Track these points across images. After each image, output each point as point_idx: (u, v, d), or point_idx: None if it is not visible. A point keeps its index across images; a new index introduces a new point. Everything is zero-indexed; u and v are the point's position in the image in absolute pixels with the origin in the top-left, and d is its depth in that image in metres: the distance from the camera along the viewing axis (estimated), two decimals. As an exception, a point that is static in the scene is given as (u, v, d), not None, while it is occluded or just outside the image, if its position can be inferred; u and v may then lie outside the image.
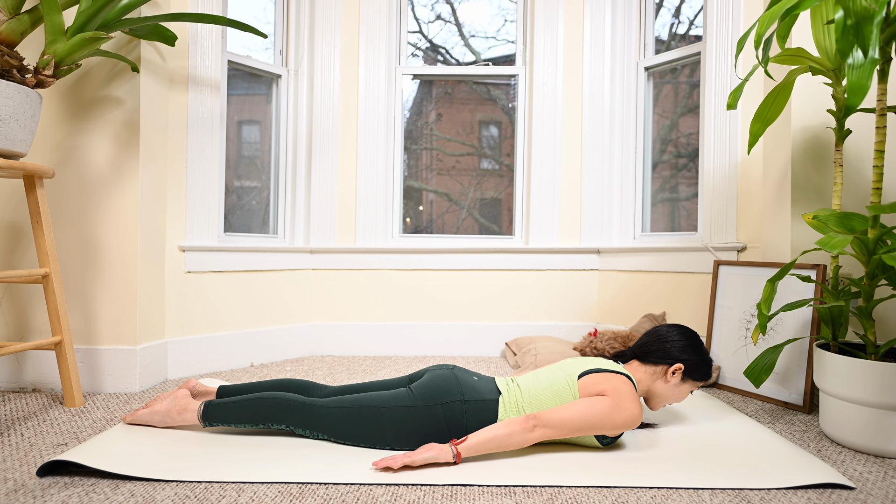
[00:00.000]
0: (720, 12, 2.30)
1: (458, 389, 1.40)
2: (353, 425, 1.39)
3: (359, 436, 1.39)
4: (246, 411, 1.43)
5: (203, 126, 2.26)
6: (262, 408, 1.43)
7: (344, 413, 1.40)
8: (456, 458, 1.28)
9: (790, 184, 1.95)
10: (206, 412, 1.46)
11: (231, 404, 1.45)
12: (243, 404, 1.44)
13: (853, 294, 1.55)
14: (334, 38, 2.67)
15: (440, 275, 2.73)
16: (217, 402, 1.47)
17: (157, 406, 1.51)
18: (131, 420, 1.52)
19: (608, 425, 1.33)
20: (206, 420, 1.46)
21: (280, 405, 1.43)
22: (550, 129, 2.71)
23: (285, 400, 1.43)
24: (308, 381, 1.61)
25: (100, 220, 1.95)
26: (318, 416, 1.41)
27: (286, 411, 1.42)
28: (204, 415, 1.46)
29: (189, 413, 1.48)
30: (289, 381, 1.60)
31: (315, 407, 1.42)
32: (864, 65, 1.29)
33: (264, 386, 1.58)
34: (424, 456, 1.26)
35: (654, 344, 1.51)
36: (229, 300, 2.37)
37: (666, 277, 2.49)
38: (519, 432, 1.30)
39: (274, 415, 1.42)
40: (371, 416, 1.38)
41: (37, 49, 1.90)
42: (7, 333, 1.94)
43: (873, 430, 1.41)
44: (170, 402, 1.51)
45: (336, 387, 1.59)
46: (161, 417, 1.49)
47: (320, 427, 1.41)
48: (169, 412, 1.49)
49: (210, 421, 1.46)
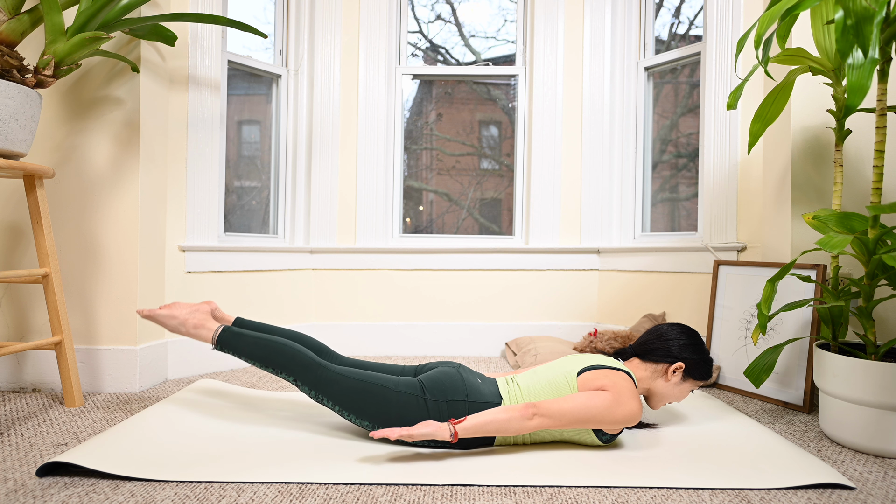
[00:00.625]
0: (720, 12, 2.30)
1: (463, 389, 1.40)
2: (360, 399, 1.39)
3: (364, 410, 1.39)
4: (261, 350, 1.42)
5: (203, 126, 2.26)
6: (279, 354, 1.42)
7: (355, 385, 1.39)
8: (453, 437, 1.28)
9: (790, 184, 1.95)
10: (223, 337, 1.44)
11: (249, 338, 1.44)
12: (261, 342, 1.43)
13: (853, 294, 1.55)
14: (334, 38, 2.67)
15: (440, 275, 2.73)
16: (236, 331, 1.45)
17: (177, 311, 1.49)
18: (147, 314, 1.50)
19: (607, 419, 1.33)
20: (219, 344, 1.44)
21: (296, 357, 1.42)
22: (550, 129, 2.71)
23: (302, 354, 1.42)
24: (324, 344, 1.61)
25: (100, 220, 1.95)
26: (328, 381, 1.40)
27: (300, 365, 1.41)
28: (220, 338, 1.44)
29: (204, 331, 1.46)
30: (306, 336, 1.60)
31: (328, 370, 1.41)
32: (864, 65, 1.29)
33: (283, 332, 1.58)
34: (422, 431, 1.27)
35: (654, 342, 1.51)
36: (229, 300, 2.37)
37: (666, 277, 2.49)
38: (517, 419, 1.30)
39: (286, 365, 1.41)
40: (380, 395, 1.38)
41: (37, 49, 1.90)
42: (7, 333, 1.94)
43: (873, 430, 1.41)
44: (189, 311, 1.49)
45: (350, 359, 1.59)
46: (176, 324, 1.48)
47: (328, 392, 1.40)
48: (185, 321, 1.47)
49: (223, 347, 1.44)
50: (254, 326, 1.60)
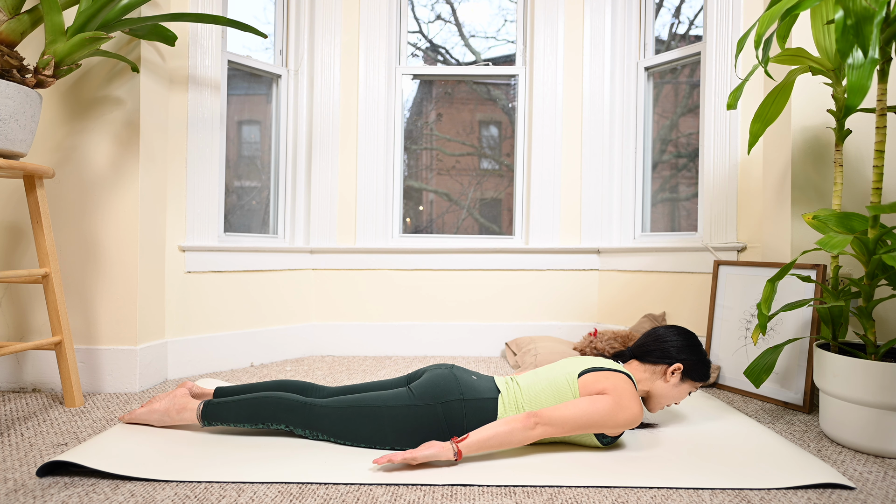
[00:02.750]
0: (720, 12, 2.30)
1: (458, 388, 1.40)
2: (352, 425, 1.39)
3: (358, 436, 1.39)
4: (246, 410, 1.43)
5: (203, 126, 2.26)
6: (262, 407, 1.43)
7: (343, 413, 1.40)
8: (457, 456, 1.28)
9: (790, 184, 1.95)
10: (206, 411, 1.46)
11: (231, 403, 1.45)
12: (243, 403, 1.44)
13: (853, 294, 1.55)
14: (334, 38, 2.67)
15: (440, 275, 2.73)
16: (217, 402, 1.47)
17: (156, 405, 1.50)
18: (129, 419, 1.52)
19: (609, 424, 1.33)
20: (205, 419, 1.46)
21: (280, 405, 1.43)
22: (550, 129, 2.71)
23: (285, 399, 1.43)
24: (307, 382, 1.61)
25: (100, 220, 1.95)
26: (317, 416, 1.41)
27: (286, 411, 1.42)
28: (203, 413, 1.46)
29: (188, 412, 1.48)
30: (288, 381, 1.60)
31: (315, 407, 1.42)
32: (864, 65, 1.29)
33: (263, 386, 1.58)
34: (425, 453, 1.26)
35: (652, 344, 1.52)
36: (229, 300, 2.37)
37: (666, 277, 2.49)
38: (520, 430, 1.30)
39: (273, 414, 1.42)
40: (371, 416, 1.38)
41: (37, 49, 1.90)
42: (7, 333, 1.94)
43: (873, 430, 1.41)
44: (168, 401, 1.51)
45: (335, 387, 1.59)
46: (159, 416, 1.49)
47: (320, 427, 1.41)
48: (167, 411, 1.49)
49: (209, 420, 1.46)
50: (234, 391, 1.61)
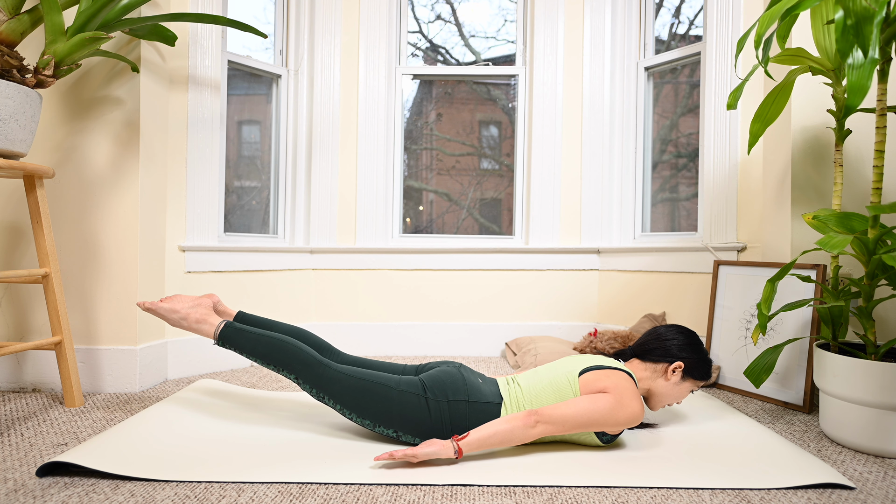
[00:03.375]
0: (720, 12, 2.30)
1: (464, 389, 1.40)
2: (362, 397, 1.38)
3: (365, 409, 1.38)
4: (263, 347, 1.41)
5: (203, 126, 2.26)
6: (281, 351, 1.41)
7: (357, 384, 1.39)
8: (457, 454, 1.28)
9: (790, 184, 1.95)
10: (225, 332, 1.43)
11: (251, 334, 1.43)
12: (263, 339, 1.42)
13: (853, 294, 1.55)
14: (334, 38, 2.67)
15: (440, 275, 2.73)
16: (238, 327, 1.44)
17: (179, 306, 1.47)
18: (148, 307, 1.48)
19: (610, 422, 1.33)
20: (221, 340, 1.43)
21: (298, 355, 1.41)
22: (550, 129, 2.71)
23: (304, 352, 1.42)
24: (326, 342, 1.60)
25: (100, 220, 1.95)
26: (330, 379, 1.39)
27: (302, 363, 1.40)
28: (222, 334, 1.43)
29: (207, 325, 1.45)
30: (308, 333, 1.59)
31: (330, 368, 1.40)
32: (864, 65, 1.29)
33: (284, 328, 1.57)
34: (426, 451, 1.26)
35: (653, 342, 1.52)
36: (229, 300, 2.37)
37: (666, 277, 2.49)
38: (521, 428, 1.30)
39: (288, 362, 1.40)
40: (382, 395, 1.38)
41: (37, 49, 1.90)
42: (7, 333, 1.94)
43: (873, 430, 1.41)
44: (191, 306, 1.48)
45: (351, 356, 1.58)
46: (178, 318, 1.46)
47: (329, 391, 1.39)
48: (188, 316, 1.46)
49: (225, 342, 1.43)
50: (256, 322, 1.60)
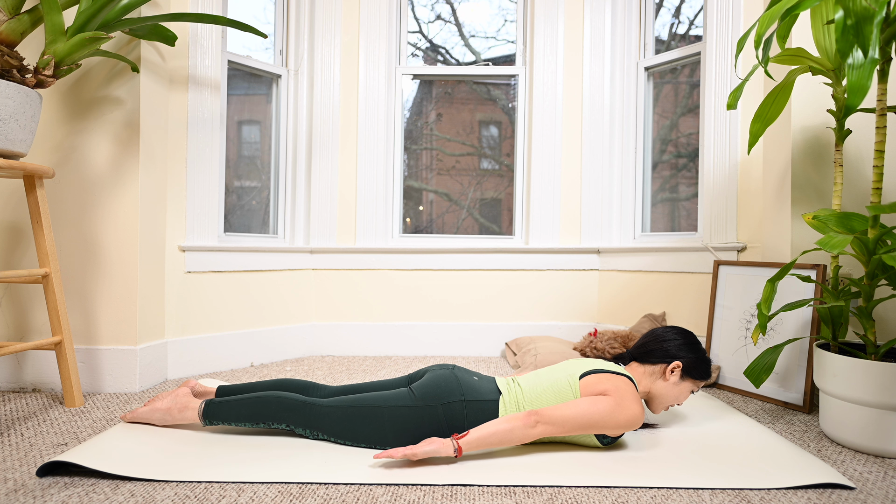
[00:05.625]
0: (720, 12, 2.30)
1: (459, 389, 1.40)
2: (353, 425, 1.39)
3: (359, 435, 1.39)
4: (247, 409, 1.43)
5: (203, 126, 2.26)
6: (264, 406, 1.43)
7: (344, 413, 1.40)
8: (457, 453, 1.28)
9: (790, 184, 1.95)
10: (207, 410, 1.46)
11: (233, 402, 1.45)
12: (244, 402, 1.44)
13: (853, 294, 1.55)
14: (334, 38, 2.67)
15: (440, 275, 2.73)
16: (218, 401, 1.47)
17: (158, 404, 1.51)
18: (131, 418, 1.52)
19: (610, 424, 1.33)
20: (206, 418, 1.46)
21: (281, 404, 1.43)
22: (550, 129, 2.71)
23: (286, 399, 1.43)
24: (308, 381, 1.61)
25: (100, 220, 1.95)
26: (318, 416, 1.41)
27: (287, 410, 1.42)
28: (205, 413, 1.46)
29: (190, 411, 1.48)
30: (289, 380, 1.60)
31: (316, 406, 1.42)
32: (864, 65, 1.29)
33: (264, 386, 1.58)
34: (426, 449, 1.26)
35: (651, 344, 1.52)
36: (229, 300, 2.37)
37: (666, 277, 2.49)
38: (520, 427, 1.30)
39: (275, 414, 1.42)
40: (371, 416, 1.38)
41: (37, 49, 1.90)
42: (7, 333, 1.94)
43: (873, 430, 1.41)
44: (170, 400, 1.51)
45: (336, 387, 1.59)
46: (161, 415, 1.49)
47: (321, 427, 1.41)
48: (169, 410, 1.49)
49: (211, 419, 1.46)
50: (236, 389, 1.61)
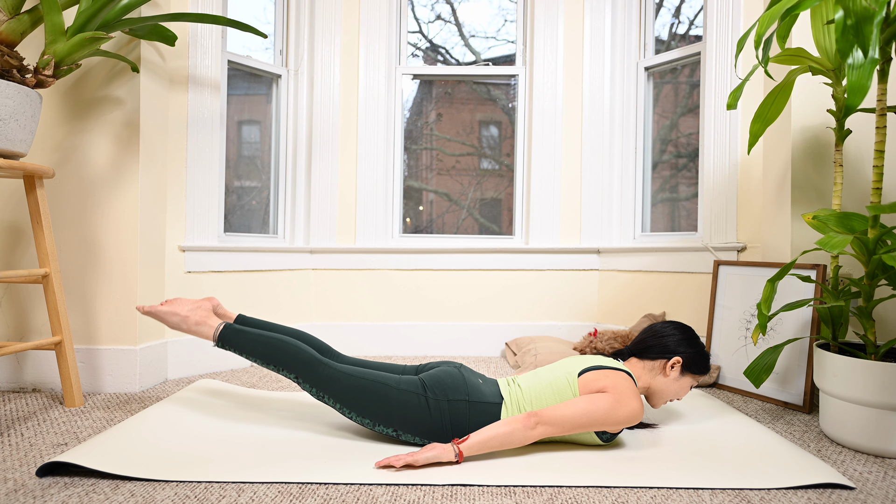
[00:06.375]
0: (720, 12, 2.30)
1: (465, 389, 1.40)
2: (361, 396, 1.38)
3: (365, 409, 1.38)
4: (263, 347, 1.42)
5: (203, 126, 2.26)
6: (280, 351, 1.41)
7: (356, 383, 1.39)
8: (458, 458, 1.28)
9: (790, 184, 1.95)
10: (224, 334, 1.44)
11: (251, 335, 1.43)
12: (262, 339, 1.43)
13: (853, 294, 1.55)
14: (334, 38, 2.67)
15: (440, 275, 2.73)
16: (237, 328, 1.44)
17: (178, 308, 1.48)
18: (148, 310, 1.48)
19: (609, 421, 1.33)
20: (220, 341, 1.44)
21: (298, 354, 1.41)
22: (550, 129, 2.71)
23: (304, 351, 1.42)
24: (326, 344, 1.60)
25: (100, 220, 1.95)
26: (330, 378, 1.40)
27: (302, 362, 1.41)
28: (221, 335, 1.44)
29: (206, 328, 1.45)
30: (308, 335, 1.59)
31: (330, 367, 1.41)
32: (864, 65, 1.29)
33: (284, 330, 1.57)
34: (427, 455, 1.26)
35: (650, 340, 1.52)
36: (229, 300, 2.37)
37: (666, 277, 2.49)
38: (520, 430, 1.31)
39: (288, 361, 1.41)
40: (381, 394, 1.38)
41: (37, 49, 1.90)
42: (7, 333, 1.94)
43: (873, 430, 1.41)
44: (190, 308, 1.48)
45: (351, 357, 1.59)
46: (178, 321, 1.47)
47: (329, 389, 1.40)
48: (187, 318, 1.46)
49: (224, 343, 1.44)
50: (256, 324, 1.60)
